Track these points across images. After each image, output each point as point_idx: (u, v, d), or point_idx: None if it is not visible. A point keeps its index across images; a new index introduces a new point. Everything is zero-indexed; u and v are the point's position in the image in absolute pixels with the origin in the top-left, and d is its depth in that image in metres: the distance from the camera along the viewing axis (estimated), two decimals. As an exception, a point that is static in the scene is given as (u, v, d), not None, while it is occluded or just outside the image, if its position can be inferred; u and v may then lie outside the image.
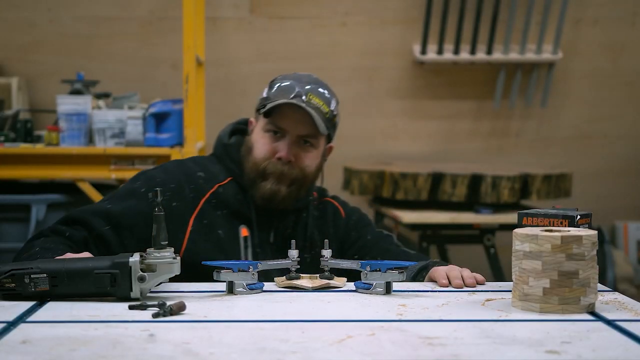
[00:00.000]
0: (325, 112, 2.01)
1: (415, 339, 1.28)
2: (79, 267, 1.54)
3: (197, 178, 2.03)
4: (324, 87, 2.05)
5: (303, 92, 1.99)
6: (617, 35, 4.73)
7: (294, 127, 2.00)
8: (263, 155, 2.01)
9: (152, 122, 3.60)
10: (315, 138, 2.02)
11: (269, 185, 1.99)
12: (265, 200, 2.01)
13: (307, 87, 2.01)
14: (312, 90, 2.01)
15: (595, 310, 1.48)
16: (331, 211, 2.14)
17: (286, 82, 2.02)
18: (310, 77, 2.06)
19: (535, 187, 4.00)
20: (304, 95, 1.99)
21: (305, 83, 2.02)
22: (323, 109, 2.00)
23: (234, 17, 4.64)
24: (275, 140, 2.01)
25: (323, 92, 2.03)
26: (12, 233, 3.66)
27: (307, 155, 2.02)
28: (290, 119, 1.99)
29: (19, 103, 4.18)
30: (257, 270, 1.66)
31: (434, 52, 4.62)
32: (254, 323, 1.41)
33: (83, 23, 4.58)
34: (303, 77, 2.05)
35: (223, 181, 2.05)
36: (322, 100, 2.01)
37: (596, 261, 1.47)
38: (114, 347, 1.23)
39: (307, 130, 2.00)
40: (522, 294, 1.47)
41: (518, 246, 1.47)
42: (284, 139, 2.00)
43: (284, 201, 2.01)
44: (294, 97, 1.98)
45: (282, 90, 2.00)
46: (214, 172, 2.06)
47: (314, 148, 2.03)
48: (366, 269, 1.64)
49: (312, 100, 1.99)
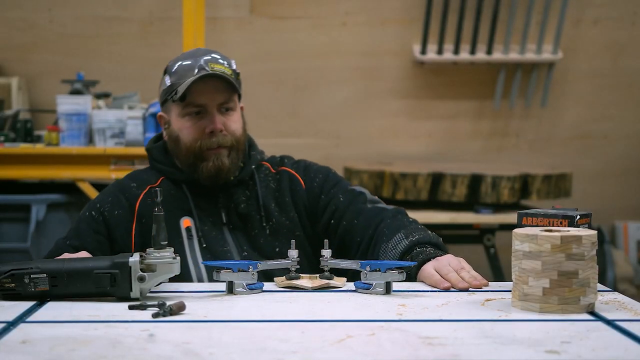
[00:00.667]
0: (230, 73, 2.03)
1: (415, 339, 1.28)
2: (78, 267, 1.54)
3: (130, 188, 2.05)
4: (218, 54, 2.07)
5: (204, 64, 2.01)
6: (617, 35, 4.73)
7: (211, 99, 2.01)
8: (192, 137, 2.02)
9: (152, 122, 3.60)
10: (232, 102, 2.04)
11: (211, 162, 2.00)
12: (212, 178, 2.01)
13: (204, 58, 2.03)
14: (211, 60, 2.03)
15: (595, 310, 1.48)
16: (286, 180, 2.10)
17: (182, 62, 2.04)
18: (200, 50, 2.09)
19: (535, 187, 4.00)
20: (205, 67, 2.00)
21: (200, 56, 2.04)
22: (227, 72, 2.02)
23: (234, 17, 4.64)
24: (198, 119, 2.02)
25: (218, 57, 2.05)
26: (12, 233, 3.66)
27: (232, 119, 2.04)
28: (205, 92, 2.00)
29: (19, 103, 4.19)
30: (257, 270, 1.66)
31: (434, 52, 4.62)
32: (254, 323, 1.41)
33: (83, 23, 4.58)
34: (194, 52, 2.08)
35: (155, 183, 2.06)
36: (222, 64, 2.03)
37: (596, 261, 1.47)
38: (114, 347, 1.23)
39: (224, 97, 2.02)
40: (521, 294, 1.47)
41: (518, 246, 1.47)
42: (206, 114, 2.02)
43: (229, 171, 2.02)
44: (199, 71, 2.00)
45: (183, 71, 2.02)
46: (144, 178, 2.08)
47: (234, 111, 2.05)
48: (366, 269, 1.64)
49: (215, 68, 2.01)
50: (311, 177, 2.11)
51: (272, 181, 2.10)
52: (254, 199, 2.06)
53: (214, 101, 2.01)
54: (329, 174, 2.12)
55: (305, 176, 2.11)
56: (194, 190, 2.05)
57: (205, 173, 2.01)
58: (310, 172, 2.12)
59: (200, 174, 2.02)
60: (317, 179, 2.10)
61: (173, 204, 2.02)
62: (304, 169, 2.13)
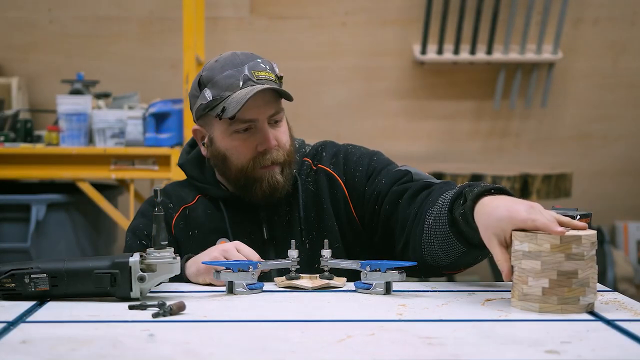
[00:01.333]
0: (274, 79, 1.87)
1: (415, 339, 1.28)
2: (78, 267, 1.54)
3: (167, 209, 1.92)
4: (258, 58, 1.89)
5: (249, 74, 1.84)
6: (617, 35, 4.73)
7: (262, 113, 1.85)
8: (244, 157, 1.87)
9: (152, 122, 3.61)
10: (281, 112, 1.89)
11: (265, 182, 1.86)
12: (267, 198, 1.87)
13: (248, 65, 1.85)
14: (253, 67, 1.85)
15: (595, 310, 1.48)
16: (324, 181, 1.94)
17: (223, 73, 1.85)
18: (237, 56, 1.87)
19: (535, 187, 4.00)
20: (252, 77, 1.83)
21: (240, 64, 1.85)
22: (272, 78, 1.86)
23: (234, 17, 4.64)
24: (248, 136, 1.86)
25: (260, 62, 1.87)
26: (12, 233, 3.66)
27: (282, 131, 1.89)
28: (254, 107, 1.83)
29: (19, 103, 4.19)
30: (257, 270, 1.66)
31: (434, 52, 4.62)
32: (254, 323, 1.41)
33: (83, 23, 4.58)
34: (233, 59, 1.87)
35: (191, 202, 1.94)
36: (266, 71, 1.86)
37: (595, 261, 1.47)
38: (114, 347, 1.23)
39: (274, 108, 1.86)
40: (521, 293, 1.47)
41: (517, 246, 1.47)
42: (256, 130, 1.86)
43: (284, 189, 1.89)
44: (244, 83, 1.82)
45: (227, 82, 1.83)
46: (181, 196, 1.95)
47: (282, 122, 1.91)
48: (366, 269, 1.64)
49: (260, 76, 1.84)
50: (351, 171, 1.94)
51: (311, 183, 1.95)
52: (296, 208, 1.92)
53: (265, 114, 1.85)
54: (372, 161, 1.94)
55: (345, 173, 1.94)
56: (232, 208, 1.92)
57: (260, 194, 1.87)
58: (351, 165, 1.95)
59: (254, 195, 1.88)
60: (358, 172, 1.93)
61: (208, 225, 1.91)
62: (344, 163, 1.95)
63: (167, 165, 3.61)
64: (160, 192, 1.57)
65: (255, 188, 1.87)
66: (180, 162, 2.01)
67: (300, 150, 1.99)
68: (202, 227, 1.91)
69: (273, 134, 1.87)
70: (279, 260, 1.74)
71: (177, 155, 3.58)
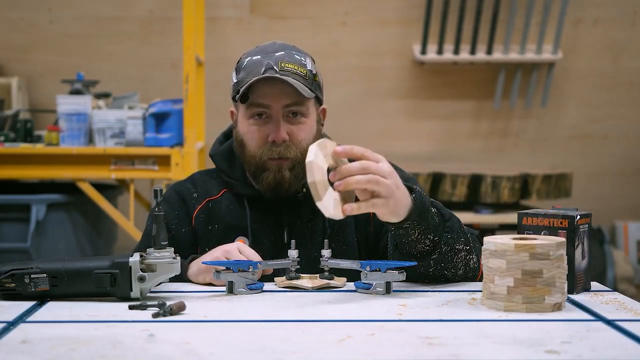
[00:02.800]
0: (303, 74, 1.84)
1: (415, 339, 1.28)
2: (78, 267, 1.54)
3: (191, 199, 1.92)
4: (293, 50, 1.88)
5: (273, 62, 1.83)
6: (617, 35, 4.74)
7: (276, 101, 1.83)
8: (256, 144, 1.85)
9: (152, 122, 3.60)
10: (302, 106, 1.84)
11: (272, 175, 1.84)
12: (272, 191, 1.86)
13: (276, 54, 1.84)
14: (283, 57, 1.84)
15: (564, 309, 1.47)
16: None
17: (252, 57, 1.86)
18: (274, 45, 1.89)
19: (535, 187, 4.00)
20: (275, 66, 1.82)
21: (272, 52, 1.85)
22: (300, 72, 1.83)
23: (234, 17, 4.64)
24: (263, 124, 1.85)
25: (294, 54, 1.86)
26: (12, 233, 3.66)
27: (300, 128, 1.85)
28: (269, 94, 1.82)
29: (19, 103, 4.19)
30: (257, 270, 1.66)
31: (434, 52, 4.62)
32: (254, 323, 1.41)
33: (83, 23, 4.58)
34: (268, 47, 1.89)
35: (216, 195, 1.93)
36: (295, 63, 1.84)
37: (565, 261, 1.46)
38: (114, 347, 1.23)
39: (290, 99, 1.82)
40: (488, 292, 1.48)
41: (485, 245, 1.48)
42: (270, 119, 1.84)
43: (291, 186, 1.85)
44: (265, 70, 1.82)
45: (251, 68, 1.84)
46: (207, 187, 1.94)
47: (305, 118, 1.86)
48: (366, 269, 1.64)
49: (285, 67, 1.82)
50: None
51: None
52: (320, 217, 1.84)
53: (278, 103, 1.83)
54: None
55: None
56: (256, 206, 1.90)
57: (265, 186, 1.86)
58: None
59: (261, 185, 1.87)
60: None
61: (230, 222, 1.89)
62: None
63: (167, 165, 3.61)
64: (160, 192, 1.56)
65: (262, 178, 1.86)
66: (212, 153, 1.98)
67: None
68: (223, 222, 1.90)
69: (288, 127, 1.84)
70: (279, 260, 1.73)
71: (177, 155, 3.58)
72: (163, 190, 1.65)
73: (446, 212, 1.71)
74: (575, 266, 1.60)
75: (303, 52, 1.90)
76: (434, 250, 1.66)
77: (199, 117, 3.88)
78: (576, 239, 1.60)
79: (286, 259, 1.72)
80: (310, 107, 1.88)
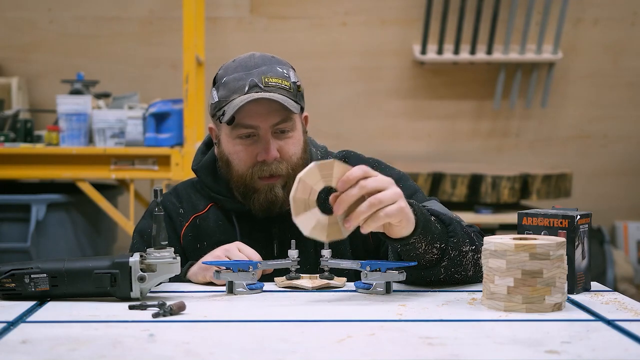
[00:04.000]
0: (288, 86, 1.79)
1: (415, 339, 1.28)
2: (79, 267, 1.54)
3: (178, 216, 1.88)
4: (274, 62, 1.82)
5: (256, 78, 1.77)
6: (617, 35, 4.74)
7: (264, 121, 1.77)
8: (244, 164, 1.80)
9: (152, 122, 3.61)
10: (290, 121, 1.80)
11: (263, 195, 1.80)
12: (265, 211, 1.82)
13: (257, 70, 1.78)
14: (265, 72, 1.78)
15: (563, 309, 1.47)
16: None
17: (232, 75, 1.79)
18: (254, 58, 1.82)
19: (535, 187, 4.00)
20: (258, 82, 1.77)
21: (253, 67, 1.79)
22: (284, 85, 1.78)
23: (234, 17, 4.64)
24: (250, 144, 1.80)
25: (276, 68, 1.80)
26: (12, 233, 3.66)
27: (289, 143, 1.81)
28: (256, 114, 1.77)
29: (19, 103, 4.19)
30: (257, 270, 1.66)
31: (434, 52, 4.63)
32: (254, 323, 1.41)
33: (83, 23, 4.58)
34: (247, 60, 1.81)
35: (202, 211, 1.88)
36: (279, 77, 1.78)
37: (565, 261, 1.46)
38: (114, 347, 1.23)
39: (279, 117, 1.78)
40: (488, 292, 1.48)
41: (485, 245, 1.48)
42: (258, 138, 1.79)
43: (283, 205, 1.81)
44: (250, 88, 1.76)
45: (233, 85, 1.78)
46: (193, 202, 1.89)
47: (292, 132, 1.81)
48: (366, 269, 1.64)
49: (269, 82, 1.77)
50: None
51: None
52: None
53: (267, 123, 1.78)
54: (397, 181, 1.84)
55: None
56: (245, 221, 1.86)
57: (257, 206, 1.81)
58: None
59: (252, 205, 1.82)
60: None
61: (219, 238, 1.84)
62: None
63: (167, 165, 3.61)
64: (160, 192, 1.56)
65: (253, 199, 1.82)
66: (194, 167, 1.93)
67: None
68: (212, 239, 1.85)
69: (277, 144, 1.80)
70: (279, 260, 1.73)
71: (177, 155, 3.58)
72: (163, 190, 1.65)
73: (445, 217, 1.70)
74: (575, 266, 1.60)
75: (283, 63, 1.84)
76: (443, 257, 1.64)
77: (199, 117, 3.88)
78: (576, 239, 1.60)
79: (286, 259, 1.72)
80: (297, 119, 1.83)
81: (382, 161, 1.95)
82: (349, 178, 1.48)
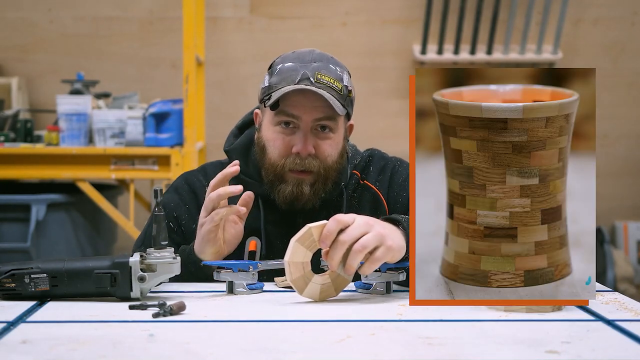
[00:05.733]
0: (339, 88, 1.79)
1: (415, 339, 1.28)
2: (79, 267, 1.54)
3: (203, 192, 1.81)
4: (331, 62, 1.83)
5: (309, 72, 1.78)
6: (617, 35, 4.74)
7: (307, 113, 1.77)
8: (278, 153, 1.80)
9: (152, 122, 3.61)
10: (333, 121, 1.80)
11: (290, 188, 1.79)
12: (288, 204, 1.81)
13: (312, 65, 1.79)
14: (319, 67, 1.79)
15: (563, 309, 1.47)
16: (368, 200, 1.88)
17: (288, 64, 1.81)
18: (313, 54, 1.83)
19: (535, 187, 4.00)
20: (311, 76, 1.77)
21: (310, 61, 1.80)
22: (336, 86, 1.78)
23: (234, 17, 4.64)
24: (289, 134, 1.79)
25: (331, 67, 1.81)
26: (12, 233, 3.67)
27: (327, 143, 1.81)
28: (301, 105, 1.77)
29: (19, 103, 4.19)
30: (257, 270, 1.66)
31: (434, 52, 4.62)
32: (254, 323, 1.41)
33: (83, 23, 4.58)
34: (306, 54, 1.83)
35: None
36: (332, 76, 1.79)
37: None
38: (114, 347, 1.23)
39: (322, 113, 1.77)
40: None
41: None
42: (298, 130, 1.79)
43: (308, 202, 1.81)
44: (300, 80, 1.77)
45: (286, 74, 1.79)
46: None
47: (333, 133, 1.81)
48: (366, 269, 1.64)
49: (321, 79, 1.77)
50: (395, 195, 1.88)
51: (356, 199, 1.88)
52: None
53: (309, 116, 1.78)
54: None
55: (389, 193, 1.89)
56: (270, 208, 1.85)
57: (281, 198, 1.80)
58: (395, 187, 1.89)
59: (276, 195, 1.81)
60: (401, 198, 1.87)
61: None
62: (389, 182, 1.89)
63: (167, 165, 3.61)
64: (160, 192, 1.56)
65: (280, 189, 1.81)
66: (226, 148, 1.92)
67: (352, 162, 1.92)
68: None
69: (315, 141, 1.80)
70: (279, 260, 1.73)
71: (177, 155, 3.58)
72: (163, 190, 1.65)
73: None
74: (575, 266, 1.60)
75: (341, 65, 1.85)
76: None
77: (199, 117, 3.88)
78: (576, 239, 1.60)
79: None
80: (340, 123, 1.84)
81: (405, 161, 1.94)
82: (326, 235, 1.51)
